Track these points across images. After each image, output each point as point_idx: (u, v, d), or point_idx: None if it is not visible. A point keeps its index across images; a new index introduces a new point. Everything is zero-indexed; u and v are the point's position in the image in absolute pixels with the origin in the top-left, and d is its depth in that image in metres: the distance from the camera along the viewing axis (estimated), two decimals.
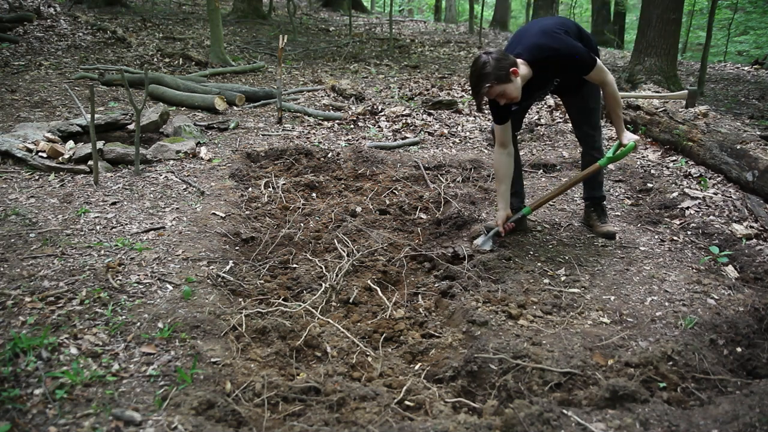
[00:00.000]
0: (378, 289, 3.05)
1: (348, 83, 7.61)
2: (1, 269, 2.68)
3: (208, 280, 2.82)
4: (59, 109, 6.05)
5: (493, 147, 5.55)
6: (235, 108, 6.56)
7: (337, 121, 6.16)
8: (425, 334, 2.70)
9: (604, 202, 3.64)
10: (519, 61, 2.92)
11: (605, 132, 5.93)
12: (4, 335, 2.17)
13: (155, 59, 9.00)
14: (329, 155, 5.00)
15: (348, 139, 5.56)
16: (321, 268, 3.20)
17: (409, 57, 11.29)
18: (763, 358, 2.41)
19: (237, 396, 2.08)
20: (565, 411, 1.98)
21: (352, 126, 6.05)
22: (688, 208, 3.97)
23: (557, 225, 3.67)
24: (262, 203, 4.09)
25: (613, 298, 2.84)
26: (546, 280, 2.98)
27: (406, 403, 2.14)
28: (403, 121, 6.19)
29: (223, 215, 3.62)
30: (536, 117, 6.38)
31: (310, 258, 3.35)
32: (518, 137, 5.69)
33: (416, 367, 2.44)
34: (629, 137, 3.15)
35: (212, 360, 2.23)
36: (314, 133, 5.70)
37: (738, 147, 4.37)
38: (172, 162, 4.54)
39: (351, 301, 2.93)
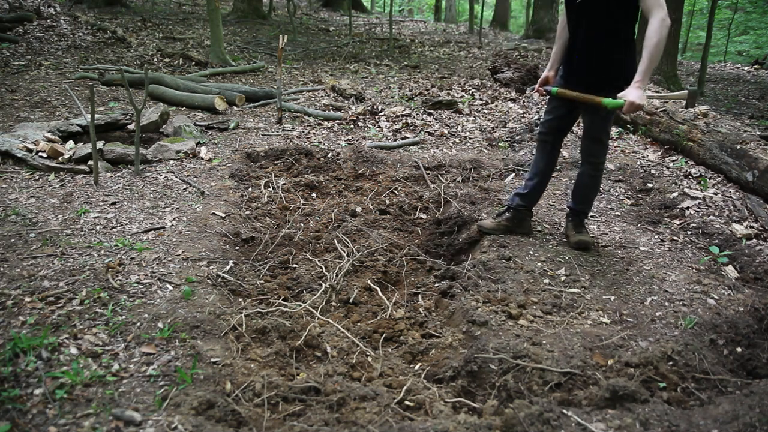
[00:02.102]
0: (378, 289, 3.05)
1: (348, 83, 7.61)
2: (1, 269, 2.68)
3: (208, 280, 2.82)
4: (59, 109, 6.05)
5: (492, 147, 5.55)
6: (235, 108, 6.56)
7: (337, 121, 6.16)
8: (425, 334, 2.70)
9: (585, 219, 3.43)
10: None
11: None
12: (4, 335, 2.17)
13: (155, 59, 9.00)
14: (329, 155, 5.00)
15: (348, 139, 5.56)
16: (321, 268, 3.20)
17: (409, 57, 11.29)
18: (763, 358, 2.41)
19: (237, 396, 2.08)
20: (565, 411, 1.98)
21: (352, 126, 6.05)
22: (688, 208, 3.97)
23: (557, 225, 3.67)
24: (262, 203, 4.09)
25: (613, 298, 2.84)
26: (546, 280, 2.98)
27: (406, 403, 2.14)
28: (403, 121, 6.19)
29: (223, 215, 3.62)
30: (536, 117, 6.37)
31: (310, 258, 3.35)
32: (519, 138, 5.71)
33: (416, 367, 2.44)
34: (626, 94, 2.81)
35: (212, 360, 2.23)
36: (314, 133, 5.70)
37: (738, 147, 4.38)
38: (172, 162, 4.54)
39: (351, 301, 2.93)
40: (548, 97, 3.28)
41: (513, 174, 4.71)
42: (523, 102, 7.29)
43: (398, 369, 2.41)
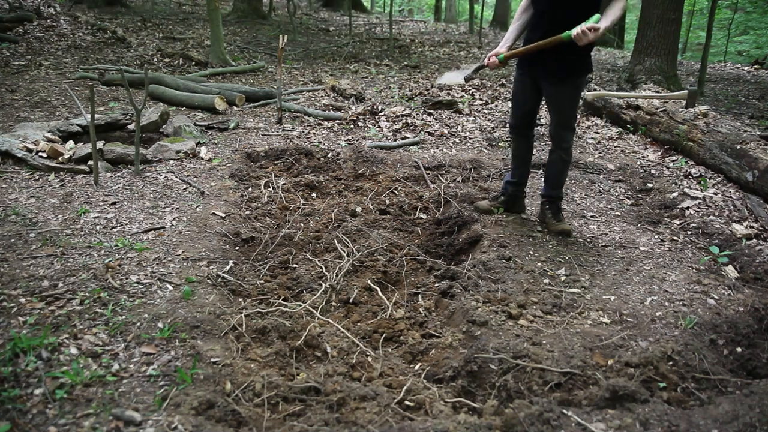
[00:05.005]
0: (378, 289, 3.05)
1: (348, 83, 7.61)
2: (1, 269, 2.68)
3: (208, 280, 2.82)
4: (59, 109, 6.05)
5: (492, 147, 5.55)
6: (235, 108, 6.56)
7: (337, 121, 6.16)
8: (425, 334, 2.70)
9: (561, 203, 3.60)
10: None
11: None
12: (4, 335, 2.17)
13: (155, 59, 9.00)
14: (329, 155, 5.00)
15: (348, 139, 5.56)
16: (321, 268, 3.20)
17: (409, 57, 11.29)
18: (763, 358, 2.41)
19: (237, 396, 2.08)
20: (565, 411, 1.98)
21: (352, 126, 6.05)
22: (688, 208, 3.97)
23: None
24: (262, 203, 4.09)
25: (613, 298, 2.84)
26: (546, 280, 2.98)
27: (406, 403, 2.14)
28: (403, 121, 6.19)
29: (223, 215, 3.62)
30: (537, 116, 6.38)
31: (310, 258, 3.35)
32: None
33: (416, 367, 2.44)
34: (576, 30, 2.96)
35: (212, 360, 2.23)
36: (314, 133, 5.70)
37: (738, 147, 4.38)
38: (172, 162, 4.54)
39: (351, 301, 2.93)
40: (512, 95, 3.53)
41: None
42: None
43: (398, 369, 2.41)
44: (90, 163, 4.14)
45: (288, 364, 2.38)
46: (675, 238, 3.58)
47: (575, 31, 2.96)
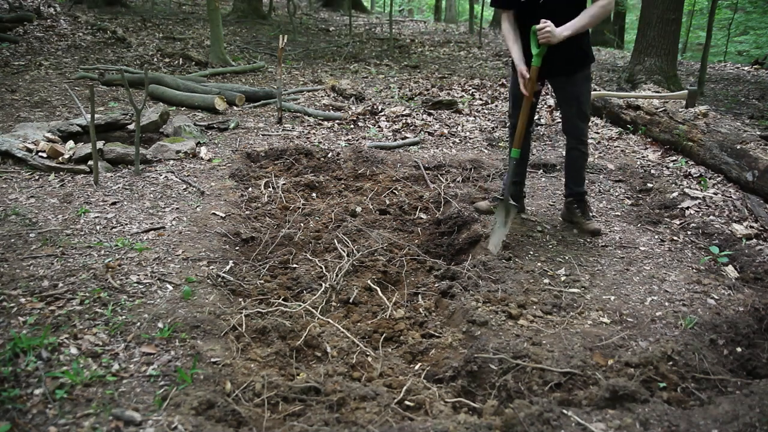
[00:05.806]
0: (378, 289, 3.05)
1: (348, 83, 7.61)
2: (1, 269, 2.68)
3: (208, 280, 2.82)
4: (59, 109, 6.05)
5: (492, 147, 5.54)
6: (235, 108, 6.56)
7: (337, 121, 6.16)
8: (425, 334, 2.70)
9: (587, 197, 3.63)
10: None
11: (604, 131, 5.93)
12: (4, 335, 2.17)
13: (155, 59, 9.00)
14: (329, 155, 5.00)
15: (348, 139, 5.56)
16: (321, 268, 3.20)
17: (409, 57, 11.29)
18: (763, 358, 2.41)
19: (237, 396, 2.08)
20: (565, 411, 1.98)
21: (352, 126, 6.05)
22: (688, 208, 3.97)
23: (557, 225, 3.67)
24: (262, 203, 4.09)
25: (613, 298, 2.84)
26: (546, 280, 2.98)
27: (406, 403, 2.14)
28: (403, 121, 6.19)
29: (223, 215, 3.62)
30: (536, 117, 6.38)
31: (310, 258, 3.35)
32: None
33: (416, 367, 2.44)
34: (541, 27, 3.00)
35: (212, 360, 2.23)
36: (314, 133, 5.70)
37: (738, 147, 4.38)
38: (172, 162, 4.54)
39: (351, 301, 2.93)
40: (511, 94, 3.52)
41: None
42: None
43: (398, 369, 2.41)
44: (90, 163, 4.14)
45: (288, 364, 2.38)
46: (675, 238, 3.58)
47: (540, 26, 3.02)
